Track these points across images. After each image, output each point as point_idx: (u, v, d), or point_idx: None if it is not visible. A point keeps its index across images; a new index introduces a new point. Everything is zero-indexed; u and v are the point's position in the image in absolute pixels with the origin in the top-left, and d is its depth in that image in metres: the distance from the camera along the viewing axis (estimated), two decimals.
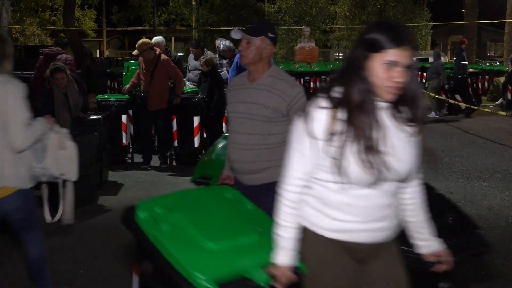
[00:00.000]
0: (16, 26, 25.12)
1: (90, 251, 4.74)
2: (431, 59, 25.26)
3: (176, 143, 8.11)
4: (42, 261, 3.47)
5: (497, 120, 12.56)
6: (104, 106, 8.03)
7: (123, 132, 8.02)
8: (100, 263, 4.47)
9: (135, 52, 7.89)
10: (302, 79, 17.74)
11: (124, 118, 8.06)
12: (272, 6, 31.77)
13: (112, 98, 8.31)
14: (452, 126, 11.83)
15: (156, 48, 7.93)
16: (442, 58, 26.44)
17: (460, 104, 13.21)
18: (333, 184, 2.09)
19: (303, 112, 2.10)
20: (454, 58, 15.40)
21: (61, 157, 3.45)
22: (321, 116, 2.04)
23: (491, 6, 30.56)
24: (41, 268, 3.46)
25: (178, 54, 11.90)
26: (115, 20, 28.71)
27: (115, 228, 5.30)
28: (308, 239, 2.17)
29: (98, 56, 37.06)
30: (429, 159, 8.32)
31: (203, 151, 7.91)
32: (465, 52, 15.62)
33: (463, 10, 26.62)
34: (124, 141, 8.04)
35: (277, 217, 2.17)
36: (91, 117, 7.17)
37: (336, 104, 2.03)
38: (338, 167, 2.02)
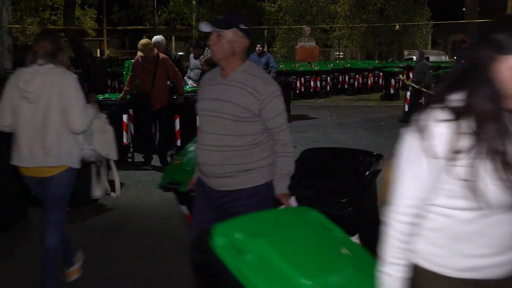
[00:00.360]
0: (17, 25, 25.12)
1: (90, 250, 4.74)
2: (432, 58, 25.34)
3: (179, 142, 8.10)
4: (57, 251, 3.74)
5: None
6: (105, 106, 8.03)
7: (123, 132, 8.01)
8: (100, 263, 4.47)
9: (141, 54, 7.79)
10: (302, 78, 17.76)
11: (124, 117, 8.05)
12: (273, 5, 31.78)
13: (113, 98, 8.31)
14: None
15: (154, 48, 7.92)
16: (443, 57, 26.54)
17: None
18: (462, 212, 1.75)
19: (417, 126, 1.81)
20: (455, 58, 15.39)
21: (104, 139, 3.90)
22: (441, 130, 1.71)
23: (492, 5, 30.54)
24: (55, 258, 3.76)
25: (179, 53, 11.89)
26: (115, 19, 28.76)
27: (115, 228, 5.31)
28: (429, 281, 1.82)
29: (98, 55, 37.05)
30: None
31: None
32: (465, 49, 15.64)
33: (464, 8, 26.63)
34: (124, 140, 8.04)
35: (383, 252, 1.83)
36: None
37: (459, 114, 1.70)
38: (474, 190, 1.68)
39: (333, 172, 3.57)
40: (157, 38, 8.80)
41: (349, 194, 3.25)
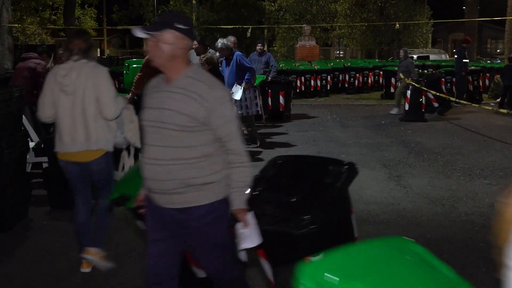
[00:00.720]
0: (17, 25, 25.12)
1: None
2: (432, 57, 25.33)
3: None
4: (106, 212, 4.38)
5: (498, 117, 12.56)
6: None
7: None
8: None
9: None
10: (303, 77, 17.75)
11: None
12: (273, 4, 31.79)
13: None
14: (453, 124, 11.82)
15: None
16: (443, 56, 26.52)
17: (434, 103, 13.11)
18: None
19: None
20: (455, 56, 15.34)
21: (131, 128, 4.29)
22: None
23: (492, 4, 30.51)
24: (104, 216, 4.36)
25: None
26: (115, 19, 28.73)
27: (116, 227, 5.30)
28: None
29: (98, 55, 37.04)
30: (430, 157, 8.32)
31: None
32: (466, 50, 15.56)
33: (464, 7, 26.59)
34: None
35: None
36: None
37: None
38: None
39: (298, 184, 3.15)
40: None
41: (314, 209, 2.84)
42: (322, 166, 3.27)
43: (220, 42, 9.15)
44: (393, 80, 16.85)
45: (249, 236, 2.71)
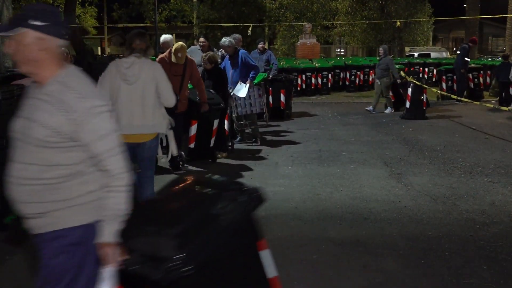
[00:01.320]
0: None
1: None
2: (433, 55, 25.31)
3: (193, 145, 7.86)
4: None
5: (499, 115, 12.55)
6: None
7: None
8: None
9: (176, 59, 6.92)
10: (303, 75, 17.74)
11: None
12: (274, 2, 31.72)
13: None
14: (454, 122, 11.82)
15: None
16: (444, 54, 26.49)
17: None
18: None
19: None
20: (458, 52, 15.31)
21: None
22: None
23: (493, 1, 30.47)
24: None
25: None
26: (116, 17, 28.72)
27: None
28: None
29: (99, 53, 37.04)
30: (431, 155, 8.32)
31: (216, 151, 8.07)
32: (471, 49, 15.54)
33: (465, 5, 26.56)
34: None
35: None
36: None
37: None
38: None
39: (184, 213, 2.55)
40: (166, 37, 8.08)
41: (193, 246, 2.31)
42: (218, 193, 2.67)
43: (227, 40, 9.10)
44: None
45: (107, 278, 2.31)
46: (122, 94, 4.59)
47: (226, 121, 8.30)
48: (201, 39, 9.63)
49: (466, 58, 15.00)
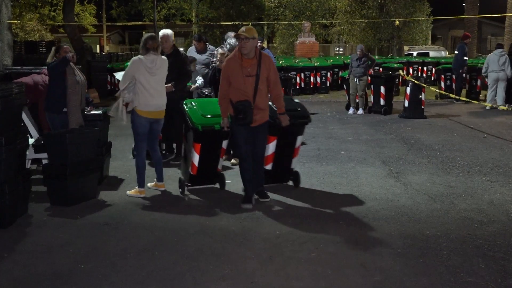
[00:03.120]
0: (16, 21, 25.07)
1: (90, 246, 4.75)
2: (432, 54, 25.30)
3: (270, 166, 7.63)
4: (160, 159, 6.63)
5: (497, 114, 12.56)
6: None
7: None
8: (100, 258, 4.47)
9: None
10: (302, 74, 17.75)
11: None
12: (272, 0, 31.67)
13: None
14: (453, 121, 11.83)
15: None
16: (443, 53, 26.48)
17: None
18: None
19: None
20: (456, 52, 15.30)
21: None
22: None
23: (492, 1, 30.47)
24: (160, 162, 6.56)
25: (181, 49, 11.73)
26: (115, 15, 28.64)
27: (116, 223, 5.31)
28: None
29: (98, 51, 36.99)
30: (429, 154, 8.32)
31: None
32: (468, 47, 15.52)
33: (464, 4, 26.56)
34: None
35: None
36: (92, 112, 7.19)
37: None
38: None
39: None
40: (166, 32, 7.73)
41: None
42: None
43: (234, 40, 8.86)
44: None
45: None
46: (149, 82, 6.04)
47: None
48: (194, 42, 9.68)
49: (465, 57, 15.00)
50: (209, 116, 6.19)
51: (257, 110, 5.67)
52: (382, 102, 12.92)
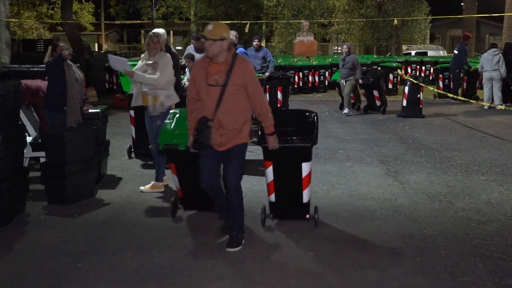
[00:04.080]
0: (14, 19, 25.01)
1: (88, 244, 4.74)
2: (430, 53, 25.30)
3: (273, 197, 7.57)
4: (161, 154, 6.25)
5: (495, 114, 12.57)
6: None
7: (132, 126, 7.97)
8: (98, 256, 4.47)
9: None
10: (301, 73, 17.74)
11: (132, 112, 7.91)
12: None
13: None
14: (451, 120, 11.84)
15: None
16: (441, 52, 26.49)
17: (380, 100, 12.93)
18: None
19: None
20: (455, 52, 15.27)
21: None
22: None
23: (490, 0, 30.49)
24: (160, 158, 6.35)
25: (177, 48, 11.73)
26: (113, 14, 28.60)
27: (114, 222, 5.30)
28: None
29: (96, 49, 36.93)
30: (427, 153, 8.33)
31: None
32: (467, 47, 15.49)
33: (462, 3, 26.58)
34: (133, 134, 8.00)
35: None
36: (90, 110, 7.17)
37: None
38: None
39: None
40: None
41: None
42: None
43: (231, 34, 8.95)
44: (391, 76, 16.85)
45: None
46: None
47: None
48: (192, 41, 9.61)
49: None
50: (176, 132, 5.31)
51: (222, 130, 4.48)
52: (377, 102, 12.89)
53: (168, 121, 5.54)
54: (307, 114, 5.34)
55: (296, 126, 5.33)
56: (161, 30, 7.45)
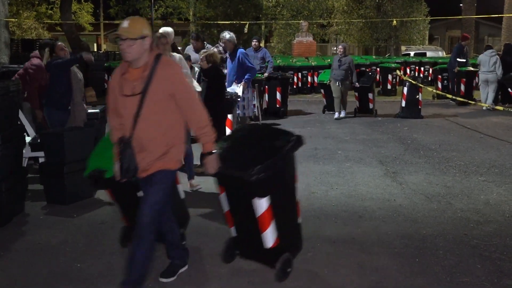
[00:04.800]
0: (13, 19, 25.00)
1: (86, 245, 4.74)
2: (429, 54, 25.32)
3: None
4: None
5: (494, 115, 12.59)
6: None
7: None
8: (96, 257, 4.47)
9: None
10: (300, 73, 17.76)
11: None
12: (270, 0, 31.68)
13: None
14: (450, 121, 11.85)
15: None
16: (440, 53, 26.51)
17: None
18: None
19: None
20: (453, 53, 15.28)
21: None
22: None
23: (489, 1, 30.53)
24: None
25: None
26: (113, 14, 28.61)
27: (112, 222, 5.30)
28: None
29: (95, 49, 36.91)
30: (426, 154, 8.34)
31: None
32: (466, 48, 15.47)
33: (461, 4, 26.60)
34: None
35: None
36: (89, 110, 7.18)
37: None
38: None
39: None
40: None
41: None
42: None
43: (228, 34, 8.94)
44: (390, 76, 16.87)
45: None
46: None
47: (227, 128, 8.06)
48: (191, 41, 9.55)
49: (459, 59, 14.95)
50: (108, 154, 4.01)
51: (142, 152, 3.56)
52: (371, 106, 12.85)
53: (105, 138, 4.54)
54: (282, 136, 4.05)
55: (263, 151, 3.88)
56: (169, 29, 7.05)
